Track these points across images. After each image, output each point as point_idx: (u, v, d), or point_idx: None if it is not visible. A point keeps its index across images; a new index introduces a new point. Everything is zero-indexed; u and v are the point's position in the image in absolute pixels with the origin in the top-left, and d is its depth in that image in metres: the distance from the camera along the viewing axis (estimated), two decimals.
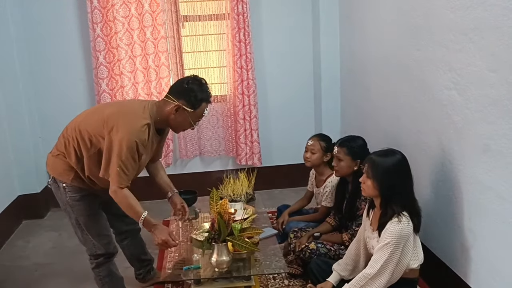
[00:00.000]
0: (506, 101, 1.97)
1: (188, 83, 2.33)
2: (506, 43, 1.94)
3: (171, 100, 2.32)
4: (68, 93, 4.19)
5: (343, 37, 4.12)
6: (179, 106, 2.30)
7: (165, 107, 2.33)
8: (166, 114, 2.34)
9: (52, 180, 2.43)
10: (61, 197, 2.43)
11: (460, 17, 2.26)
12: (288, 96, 4.43)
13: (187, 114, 2.32)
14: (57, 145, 2.43)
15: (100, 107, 2.67)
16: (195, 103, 2.31)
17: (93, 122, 2.31)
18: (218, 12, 4.14)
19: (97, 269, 2.58)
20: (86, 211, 2.43)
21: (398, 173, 2.25)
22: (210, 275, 2.31)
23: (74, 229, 2.53)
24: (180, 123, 2.38)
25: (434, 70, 2.55)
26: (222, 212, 2.24)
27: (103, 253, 2.53)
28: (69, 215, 2.47)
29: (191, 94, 2.30)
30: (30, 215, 4.08)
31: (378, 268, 2.17)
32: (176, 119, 2.35)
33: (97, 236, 2.50)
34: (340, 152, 2.81)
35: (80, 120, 2.39)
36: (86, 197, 2.42)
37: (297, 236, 2.97)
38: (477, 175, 2.23)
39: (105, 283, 2.60)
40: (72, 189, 2.39)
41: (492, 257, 2.19)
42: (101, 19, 3.88)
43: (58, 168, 2.40)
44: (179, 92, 2.33)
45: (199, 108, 2.34)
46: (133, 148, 2.22)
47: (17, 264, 3.37)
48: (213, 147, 4.38)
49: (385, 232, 2.19)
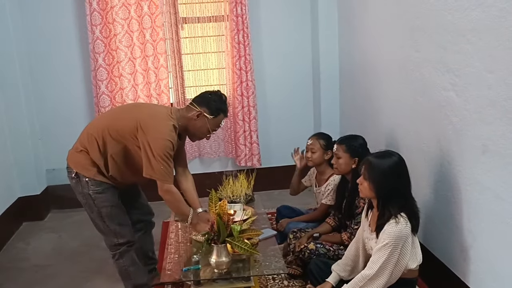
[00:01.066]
0: (504, 102, 1.98)
1: (210, 94, 2.61)
2: (504, 44, 1.95)
3: (194, 107, 2.55)
4: (68, 95, 4.20)
5: (341, 38, 4.14)
6: (200, 113, 2.54)
7: (187, 113, 2.57)
8: (188, 120, 2.57)
9: (75, 175, 2.53)
10: (83, 190, 2.53)
11: (458, 18, 2.27)
12: (287, 97, 4.44)
13: (206, 121, 2.56)
14: (81, 141, 2.57)
15: (127, 109, 2.80)
16: (215, 111, 2.56)
17: (124, 123, 2.49)
18: (217, 14, 4.15)
19: (121, 259, 2.64)
20: (108, 202, 2.55)
21: (395, 175, 2.25)
22: (210, 276, 2.31)
23: (94, 222, 2.63)
24: (199, 129, 2.59)
25: (432, 71, 2.56)
26: (221, 213, 2.25)
27: (124, 242, 2.62)
28: (91, 208, 2.57)
29: (212, 103, 2.56)
30: (30, 217, 4.08)
31: (377, 269, 2.17)
32: (196, 125, 2.57)
33: (119, 226, 2.60)
34: (339, 150, 2.82)
35: (109, 120, 2.58)
36: (107, 189, 2.55)
37: (296, 237, 2.98)
38: (476, 175, 2.24)
39: (130, 273, 2.66)
40: (94, 183, 2.51)
41: (491, 258, 2.20)
42: (101, 21, 3.89)
43: (81, 163, 2.52)
44: (201, 101, 2.58)
45: (217, 117, 2.58)
46: (169, 146, 2.42)
47: (17, 265, 3.37)
48: (213, 149, 4.38)
49: (383, 233, 2.20)
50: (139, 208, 2.86)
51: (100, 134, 2.49)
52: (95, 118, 2.65)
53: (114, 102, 4.04)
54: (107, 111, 2.71)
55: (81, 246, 3.64)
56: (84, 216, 4.11)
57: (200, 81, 4.29)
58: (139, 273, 2.70)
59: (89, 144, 2.51)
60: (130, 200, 2.76)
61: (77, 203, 4.18)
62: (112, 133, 2.48)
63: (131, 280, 2.68)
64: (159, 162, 2.38)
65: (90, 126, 2.62)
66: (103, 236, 2.65)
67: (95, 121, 2.71)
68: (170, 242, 2.73)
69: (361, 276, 2.23)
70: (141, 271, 2.72)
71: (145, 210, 2.89)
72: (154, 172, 2.40)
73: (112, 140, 2.48)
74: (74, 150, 2.59)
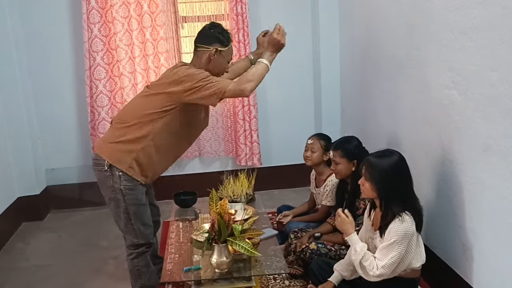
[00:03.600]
0: (506, 100, 1.97)
1: (211, 28, 2.56)
2: (506, 42, 1.94)
3: (205, 48, 2.51)
4: (67, 94, 4.18)
5: (342, 36, 4.12)
6: (216, 50, 2.51)
7: (203, 57, 2.53)
8: (206, 62, 2.53)
9: (108, 167, 2.47)
10: (114, 185, 2.48)
11: (460, 16, 2.25)
12: (287, 96, 4.42)
13: (223, 54, 2.53)
14: (114, 134, 2.52)
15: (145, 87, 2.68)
16: (226, 41, 2.53)
17: (153, 96, 2.47)
18: (217, 13, 4.14)
19: (136, 259, 2.61)
20: (138, 200, 2.53)
21: (396, 174, 2.23)
22: (211, 276, 2.30)
23: (116, 218, 2.58)
24: (220, 65, 2.56)
25: (434, 70, 2.55)
26: (222, 213, 2.24)
27: (144, 243, 2.60)
28: (118, 204, 2.52)
29: (219, 36, 2.52)
30: (30, 217, 4.06)
31: (381, 266, 2.16)
32: (216, 62, 2.54)
33: (143, 226, 2.57)
34: (336, 156, 2.81)
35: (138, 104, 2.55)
36: (138, 187, 2.52)
37: (297, 237, 2.97)
38: (478, 174, 2.22)
39: (142, 273, 2.64)
40: (127, 178, 2.47)
41: (493, 257, 2.18)
42: (99, 20, 3.87)
43: (116, 155, 2.47)
44: (208, 39, 2.53)
45: (229, 45, 2.56)
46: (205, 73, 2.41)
47: (16, 266, 3.36)
48: (213, 148, 4.37)
49: (389, 232, 2.18)
50: (153, 209, 2.84)
51: (137, 120, 2.45)
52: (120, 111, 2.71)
53: (113, 102, 4.02)
54: (130, 101, 2.74)
55: (80, 246, 3.62)
56: (83, 216, 4.17)
57: None
58: (150, 275, 2.67)
59: (130, 132, 2.45)
60: (148, 201, 2.74)
61: (77, 203, 4.26)
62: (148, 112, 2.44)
63: (141, 280, 2.66)
64: (210, 83, 2.35)
65: (123, 114, 2.57)
66: (123, 234, 2.62)
67: (124, 112, 2.63)
68: (171, 242, 2.72)
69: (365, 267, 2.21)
70: (153, 273, 2.69)
71: (156, 210, 2.89)
72: (216, 91, 2.35)
73: (153, 116, 2.43)
74: (107, 141, 2.54)
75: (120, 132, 2.50)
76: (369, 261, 2.20)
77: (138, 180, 2.50)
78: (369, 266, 2.20)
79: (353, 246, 2.28)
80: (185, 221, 2.94)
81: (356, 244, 2.27)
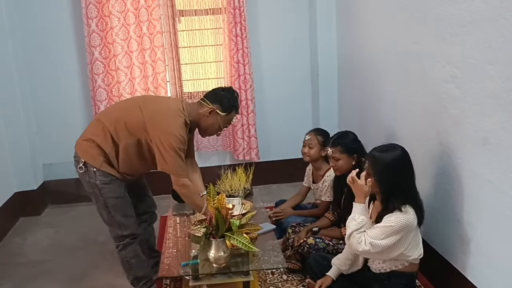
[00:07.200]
0: (505, 94, 1.96)
1: (223, 90, 2.64)
2: (505, 36, 1.93)
3: (206, 104, 2.57)
4: (64, 89, 4.17)
5: (340, 31, 4.11)
6: (213, 110, 2.56)
7: (199, 109, 2.59)
8: (199, 116, 2.58)
9: (83, 164, 2.51)
10: (90, 180, 2.52)
11: (458, 9, 2.24)
12: (285, 91, 4.41)
13: (219, 118, 2.58)
14: (90, 131, 2.56)
15: (139, 102, 2.65)
16: (227, 108, 2.58)
17: (136, 115, 2.49)
18: (214, 7, 4.12)
19: (124, 251, 2.64)
20: (115, 193, 2.55)
21: (399, 168, 2.23)
22: (209, 270, 2.30)
23: (99, 211, 2.62)
24: (211, 125, 2.61)
25: (432, 64, 2.54)
26: (220, 207, 2.23)
27: (128, 234, 2.62)
28: (97, 198, 2.56)
29: (225, 100, 2.57)
30: (27, 212, 4.06)
31: (370, 242, 2.17)
32: (208, 121, 2.59)
33: (124, 217, 2.60)
34: (335, 152, 2.77)
35: (121, 112, 2.58)
36: (114, 181, 2.54)
37: (295, 231, 2.97)
38: (476, 168, 2.22)
39: (132, 265, 2.66)
40: (102, 174, 2.51)
41: (491, 251, 2.19)
42: (96, 14, 3.86)
43: (89, 152, 2.51)
44: (214, 97, 2.59)
45: (230, 114, 2.60)
46: (181, 141, 2.44)
47: (14, 261, 3.35)
48: (211, 142, 4.36)
49: (390, 217, 2.18)
50: (146, 201, 2.89)
51: (113, 125, 2.49)
52: (107, 108, 2.69)
53: (111, 96, 4.01)
54: (118, 102, 2.75)
55: (78, 241, 3.62)
56: (81, 211, 4.16)
57: (197, 74, 4.26)
58: (141, 265, 2.69)
59: (101, 134, 2.50)
60: (137, 194, 2.79)
61: (74, 198, 4.25)
62: (124, 125, 2.48)
63: (132, 271, 2.68)
64: (172, 157, 2.41)
65: (102, 116, 2.61)
66: (108, 227, 2.65)
67: (107, 112, 2.73)
68: (169, 237, 2.72)
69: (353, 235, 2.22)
70: (143, 263, 2.72)
71: (150, 201, 2.92)
72: (168, 166, 2.43)
73: (125, 132, 2.49)
74: (82, 138, 2.57)
75: (95, 130, 2.54)
76: (360, 235, 2.21)
77: (114, 175, 2.53)
78: (359, 238, 2.21)
79: (354, 214, 2.27)
80: (183, 215, 2.94)
81: (357, 214, 2.26)
